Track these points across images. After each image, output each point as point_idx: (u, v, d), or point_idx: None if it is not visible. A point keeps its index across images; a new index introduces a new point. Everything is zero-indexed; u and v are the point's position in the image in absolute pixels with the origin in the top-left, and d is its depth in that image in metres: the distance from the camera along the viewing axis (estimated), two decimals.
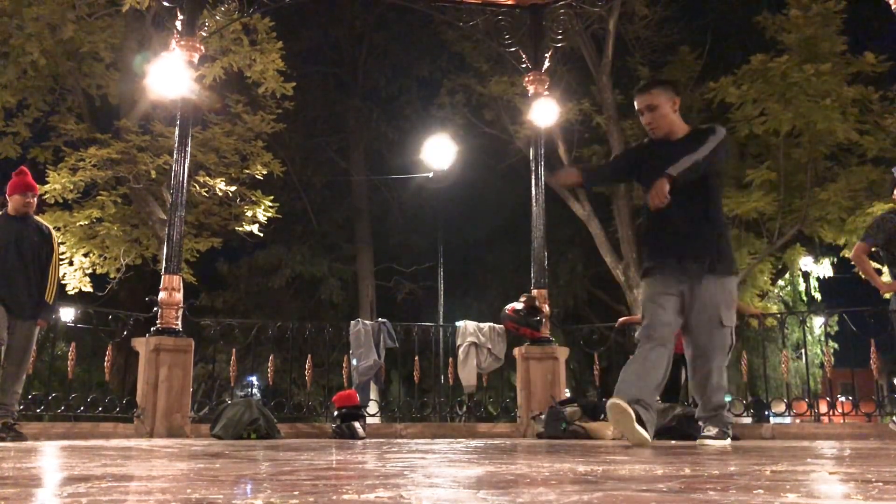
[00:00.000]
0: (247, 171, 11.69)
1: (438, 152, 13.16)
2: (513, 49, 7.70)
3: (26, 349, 5.37)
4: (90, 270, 11.81)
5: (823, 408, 7.62)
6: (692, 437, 5.36)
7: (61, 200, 10.96)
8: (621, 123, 14.67)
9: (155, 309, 6.40)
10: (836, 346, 16.81)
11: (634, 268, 14.37)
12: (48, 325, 5.92)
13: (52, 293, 5.45)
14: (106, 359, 6.84)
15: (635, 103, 4.11)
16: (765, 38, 12.72)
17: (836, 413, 7.20)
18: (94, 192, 11.41)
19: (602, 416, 6.29)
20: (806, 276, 17.87)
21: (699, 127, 4.18)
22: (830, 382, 7.80)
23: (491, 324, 7.76)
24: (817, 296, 18.65)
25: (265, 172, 11.83)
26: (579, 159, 15.04)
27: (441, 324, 9.74)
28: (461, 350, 7.68)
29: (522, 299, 6.77)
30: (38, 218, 5.69)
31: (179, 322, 6.38)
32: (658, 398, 6.52)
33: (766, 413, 11.07)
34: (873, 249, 5.49)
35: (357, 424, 6.22)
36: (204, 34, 7.00)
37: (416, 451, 3.46)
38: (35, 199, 5.55)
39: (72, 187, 10.87)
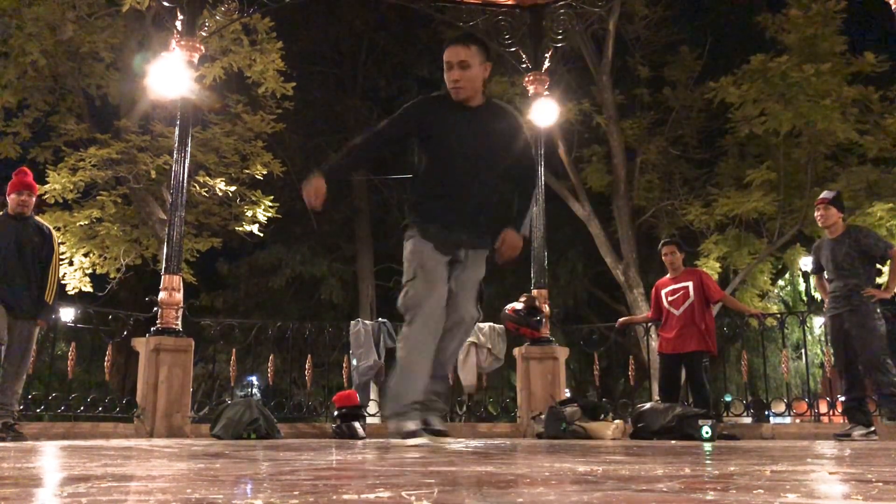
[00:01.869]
0: (247, 171, 11.70)
1: None
2: (513, 49, 7.70)
3: (26, 349, 5.38)
4: (90, 270, 11.81)
5: (823, 408, 7.63)
6: (692, 436, 5.37)
7: (61, 200, 10.97)
8: (621, 123, 14.68)
9: (155, 309, 6.40)
10: None
11: (634, 268, 14.37)
12: (48, 326, 5.92)
13: (52, 293, 5.46)
14: (106, 359, 6.84)
15: (446, 55, 3.67)
16: (765, 38, 12.73)
17: (836, 413, 7.20)
18: (94, 192, 11.41)
19: (602, 416, 6.30)
20: (806, 276, 17.86)
21: (498, 103, 3.86)
22: (830, 382, 7.80)
23: (491, 324, 7.76)
24: (817, 296, 18.62)
25: (265, 172, 11.84)
26: (579, 159, 15.06)
27: None
28: (461, 350, 7.67)
29: (522, 299, 6.77)
30: (38, 218, 5.70)
31: (179, 322, 6.38)
32: (657, 398, 6.55)
33: (766, 413, 11.08)
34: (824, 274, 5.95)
35: (357, 424, 6.23)
36: (204, 34, 7.00)
37: (416, 451, 3.45)
38: (32, 199, 5.54)
39: (72, 187, 10.88)
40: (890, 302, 5.95)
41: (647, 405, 6.12)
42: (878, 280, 6.38)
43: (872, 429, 5.56)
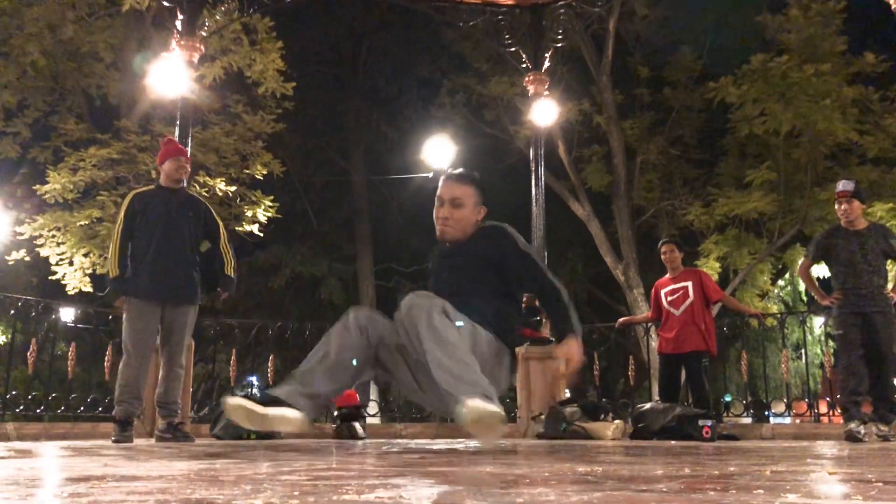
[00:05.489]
0: (247, 171, 11.69)
1: (438, 152, 13.17)
2: (513, 49, 7.70)
3: (180, 339, 4.85)
4: (90, 270, 11.80)
5: (823, 408, 7.62)
6: (692, 436, 5.37)
7: (61, 200, 10.96)
8: (621, 123, 14.68)
9: None
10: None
11: (634, 268, 14.37)
12: (230, 295, 5.35)
13: (230, 267, 5.00)
14: (106, 359, 6.83)
15: (439, 189, 3.48)
16: (765, 38, 12.73)
17: (836, 413, 7.18)
18: (94, 192, 11.40)
19: (602, 416, 6.29)
20: None
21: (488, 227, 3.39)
22: (830, 382, 7.79)
23: None
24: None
25: (265, 172, 11.84)
26: (579, 159, 15.06)
27: None
28: None
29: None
30: (189, 192, 5.16)
31: None
32: (657, 398, 6.55)
33: (766, 413, 11.06)
34: (815, 264, 5.81)
35: (357, 424, 6.23)
36: (204, 34, 7.00)
37: (416, 451, 3.46)
38: (188, 166, 4.97)
39: (72, 187, 10.87)
40: None
41: (647, 405, 6.12)
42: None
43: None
